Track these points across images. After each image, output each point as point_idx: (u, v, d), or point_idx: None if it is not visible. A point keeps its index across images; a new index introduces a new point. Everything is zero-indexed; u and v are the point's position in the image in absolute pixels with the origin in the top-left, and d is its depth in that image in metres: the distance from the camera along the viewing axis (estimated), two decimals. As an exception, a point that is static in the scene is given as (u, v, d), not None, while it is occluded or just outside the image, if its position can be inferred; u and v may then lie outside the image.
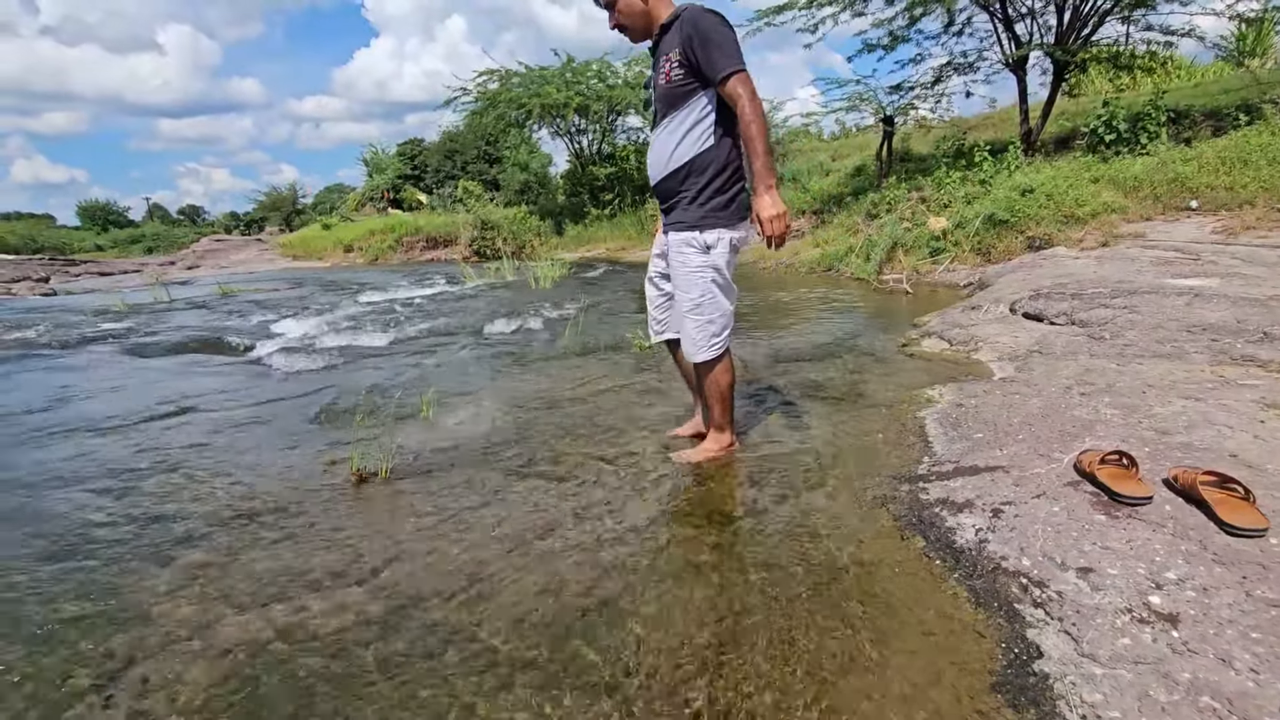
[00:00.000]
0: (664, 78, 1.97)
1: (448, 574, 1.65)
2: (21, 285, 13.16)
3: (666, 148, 2.02)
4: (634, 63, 15.49)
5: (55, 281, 14.75)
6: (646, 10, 2.02)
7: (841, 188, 11.42)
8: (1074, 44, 8.44)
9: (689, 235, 2.02)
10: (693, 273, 2.04)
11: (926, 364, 3.42)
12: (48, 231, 38.08)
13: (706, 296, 2.05)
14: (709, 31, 1.86)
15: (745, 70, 1.86)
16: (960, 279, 6.12)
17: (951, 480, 1.86)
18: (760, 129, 1.84)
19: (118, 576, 1.71)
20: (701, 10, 1.92)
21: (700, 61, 1.88)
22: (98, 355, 4.97)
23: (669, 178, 2.04)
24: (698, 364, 2.14)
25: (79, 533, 1.96)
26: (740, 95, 1.84)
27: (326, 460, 2.45)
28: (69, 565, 1.77)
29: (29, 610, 1.57)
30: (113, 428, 3.03)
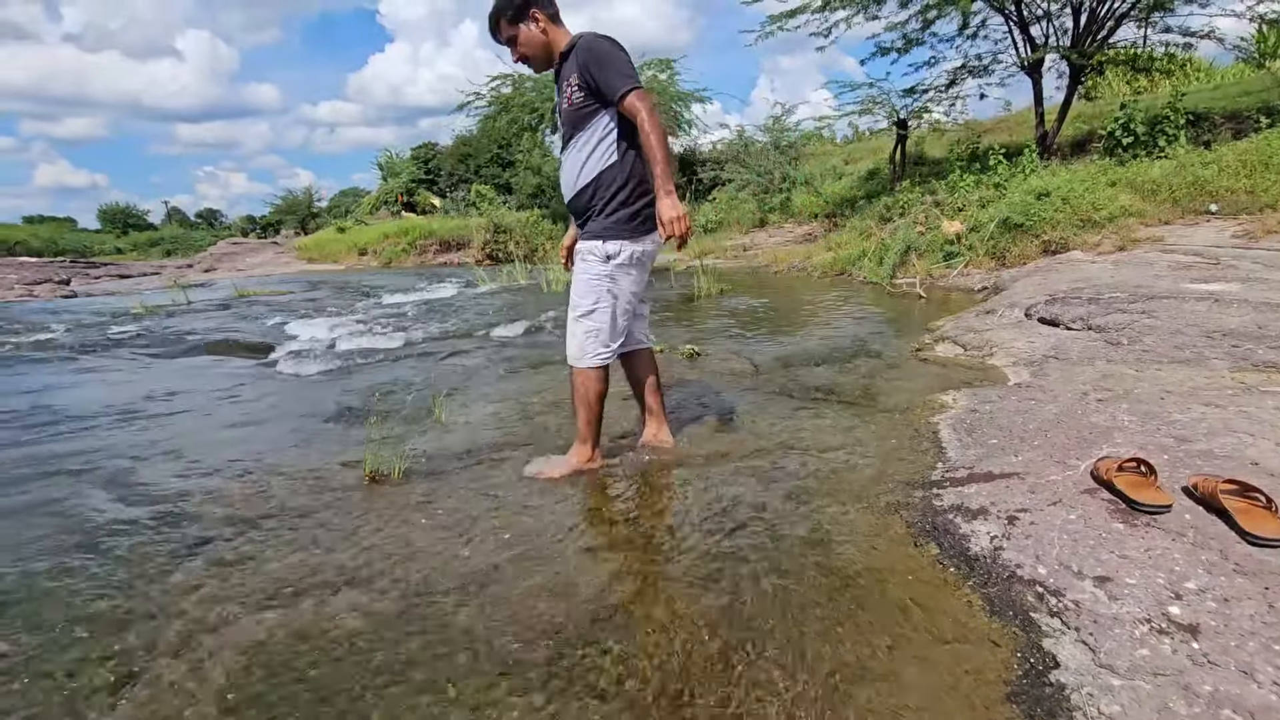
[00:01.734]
0: (566, 101, 2.06)
1: (459, 576, 1.65)
2: (43, 287, 13.40)
3: (575, 167, 2.10)
4: (645, 66, 15.54)
5: (76, 284, 15.00)
6: (547, 42, 2.09)
7: (854, 191, 11.38)
8: (1090, 47, 8.36)
9: (593, 244, 2.09)
10: (590, 280, 2.10)
11: (941, 369, 3.39)
12: (69, 234, 38.74)
13: (600, 305, 2.11)
14: (603, 55, 1.97)
15: (641, 87, 1.97)
16: (975, 283, 6.07)
17: (966, 487, 1.84)
18: (659, 139, 1.92)
19: (136, 574, 1.73)
20: (595, 36, 2.03)
21: (598, 83, 1.98)
22: (117, 356, 5.05)
23: (578, 195, 2.12)
24: (577, 369, 2.18)
25: (97, 531, 1.99)
26: (639, 109, 1.93)
27: (341, 461, 2.47)
28: (88, 562, 1.80)
29: (49, 606, 1.59)
30: (131, 428, 3.07)
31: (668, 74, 15.58)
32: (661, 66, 15.59)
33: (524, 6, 2.05)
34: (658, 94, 15.06)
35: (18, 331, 6.73)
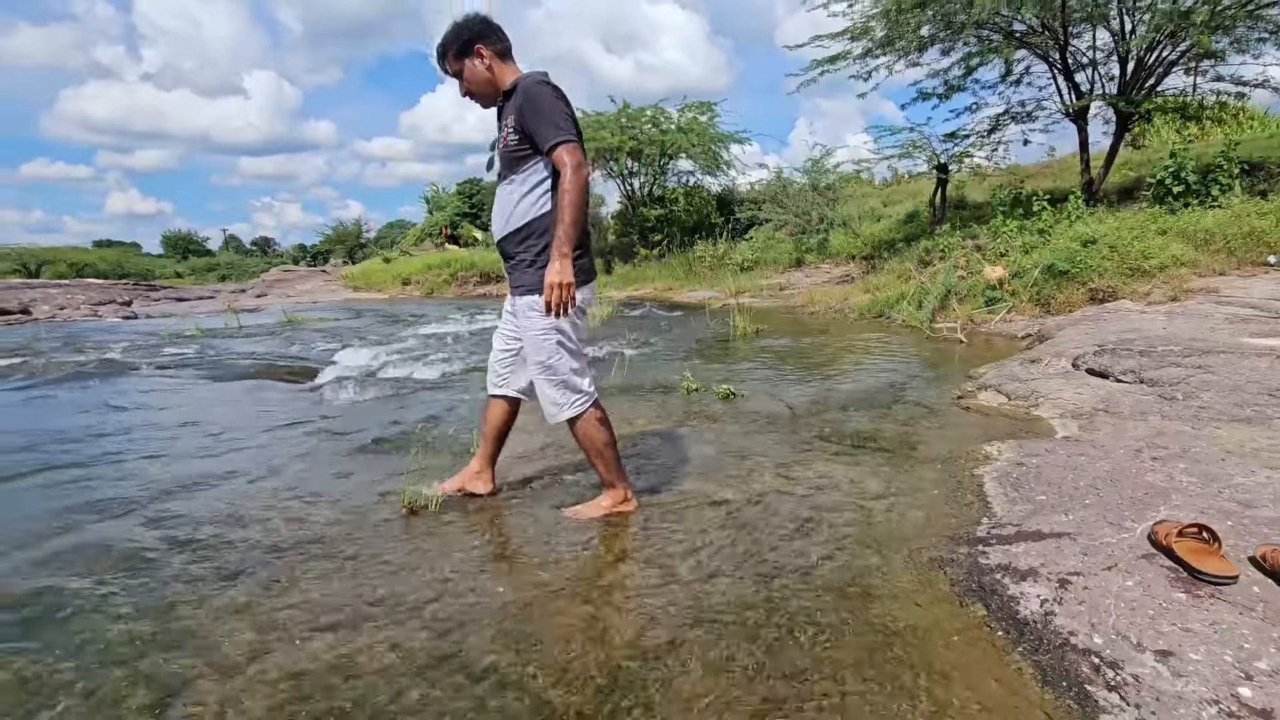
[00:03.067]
0: (503, 142, 2.08)
1: (494, 613, 1.65)
2: (107, 308, 14.09)
3: (506, 208, 2.10)
4: (687, 109, 15.87)
5: (137, 305, 15.73)
6: (491, 79, 2.10)
7: (893, 234, 11.32)
8: (1138, 95, 8.27)
9: (531, 299, 2.07)
10: (538, 335, 2.08)
11: (983, 418, 3.31)
12: (134, 258, 40.84)
13: (554, 358, 2.09)
14: (539, 103, 1.96)
15: (573, 141, 1.94)
16: (1018, 330, 5.94)
17: (1013, 545, 1.78)
18: (573, 199, 1.90)
19: (179, 597, 1.77)
20: (535, 82, 2.01)
21: (531, 131, 1.97)
22: (171, 378, 5.25)
23: (508, 238, 2.11)
24: (567, 424, 2.15)
25: (143, 552, 2.05)
26: (564, 164, 1.91)
27: (379, 491, 2.51)
28: (133, 584, 1.85)
29: (94, 627, 1.64)
30: (180, 449, 3.18)
31: (708, 116, 15.86)
32: (702, 109, 15.89)
33: (470, 41, 2.06)
34: (697, 135, 15.33)
35: (82, 350, 7.07)
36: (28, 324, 11.45)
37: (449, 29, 2.09)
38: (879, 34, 8.78)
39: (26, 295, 14.57)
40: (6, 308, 12.44)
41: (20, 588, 1.83)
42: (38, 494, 2.60)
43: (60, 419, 3.91)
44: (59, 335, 9.00)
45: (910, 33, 8.42)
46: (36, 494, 2.60)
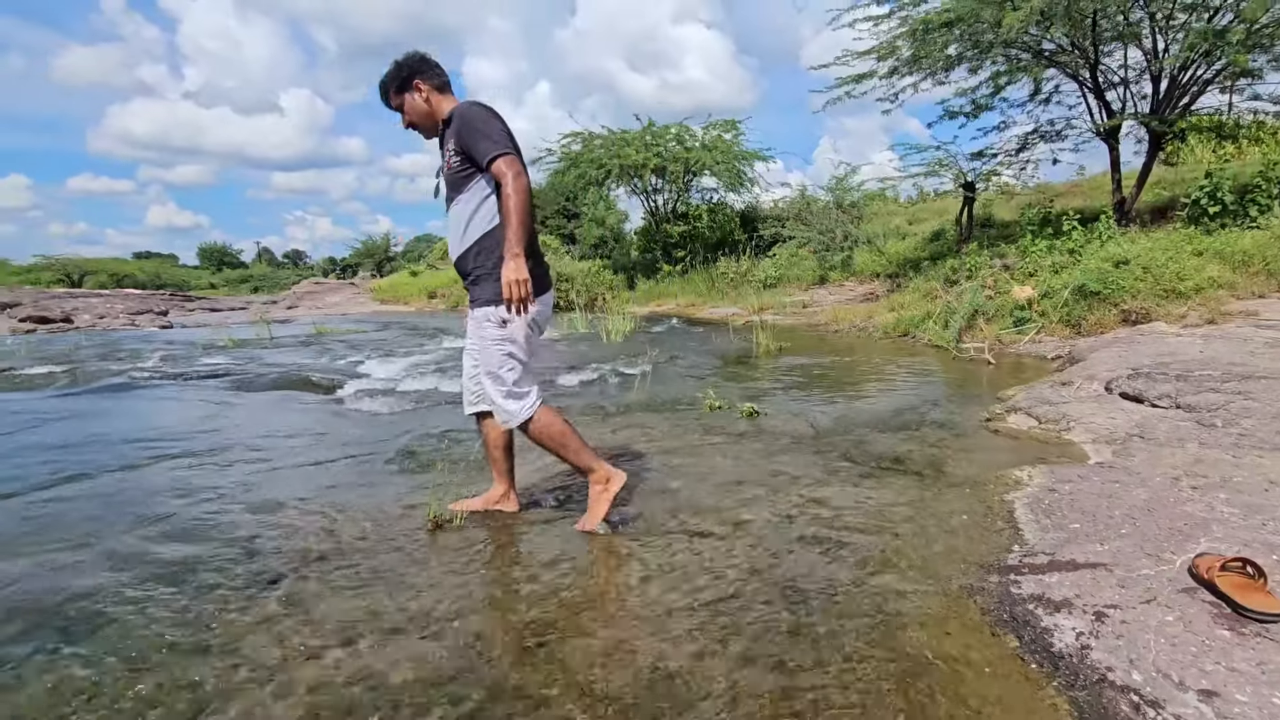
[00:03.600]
0: (447, 166, 2.17)
1: (517, 631, 1.65)
2: (144, 317, 14.51)
3: (458, 229, 2.17)
4: (711, 127, 15.97)
5: (173, 315, 16.17)
6: (430, 111, 2.20)
7: (918, 252, 11.23)
8: (1172, 113, 8.13)
9: (487, 310, 2.13)
10: (490, 345, 2.14)
11: (1013, 442, 3.24)
12: (171, 270, 42.06)
13: (504, 369, 2.15)
14: (474, 122, 2.07)
15: (509, 153, 2.03)
16: (1047, 351, 5.83)
17: (1046, 575, 1.74)
18: (517, 203, 1.98)
19: (210, 607, 1.80)
20: (469, 105, 2.13)
21: (470, 149, 2.06)
22: (204, 387, 5.38)
23: (463, 257, 2.19)
24: (521, 428, 2.21)
25: (177, 560, 2.09)
26: (504, 173, 2.01)
27: (405, 504, 2.54)
28: (167, 592, 1.89)
29: (131, 634, 1.67)
30: (213, 459, 3.25)
31: (733, 134, 15.95)
32: (726, 127, 15.99)
33: (409, 78, 2.18)
34: (721, 152, 15.41)
35: (120, 359, 7.28)
36: (70, 332, 11.83)
37: (390, 67, 2.22)
38: (905, 53, 8.78)
39: (69, 304, 15.07)
40: (50, 316, 12.87)
41: (59, 594, 1.88)
42: (75, 501, 2.67)
43: (98, 427, 4.02)
44: (98, 344, 9.28)
45: (937, 52, 8.41)
46: (74, 501, 2.67)
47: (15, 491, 2.78)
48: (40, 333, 11.47)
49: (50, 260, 31.34)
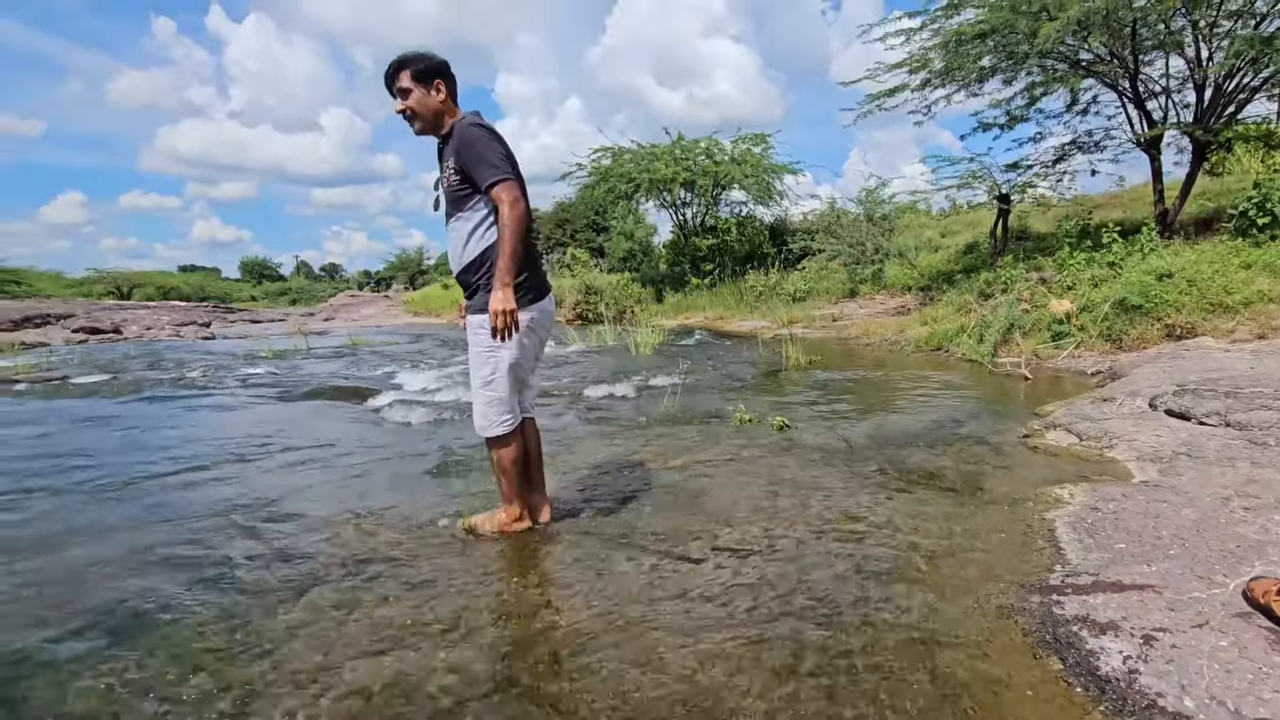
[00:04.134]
0: (445, 182, 2.19)
1: (551, 641, 1.66)
2: (188, 329, 15.00)
3: (458, 244, 2.21)
4: (741, 140, 16.00)
5: (215, 327, 16.70)
6: (439, 111, 2.18)
7: (951, 265, 11.05)
8: (1217, 122, 7.90)
9: (481, 318, 2.16)
10: (484, 352, 2.19)
11: (1052, 459, 3.17)
12: (214, 282, 43.48)
13: (496, 375, 2.19)
14: (476, 145, 2.08)
15: (509, 179, 2.06)
16: (1087, 366, 5.68)
17: (1091, 596, 1.69)
18: (512, 232, 2.01)
19: (253, 608, 1.85)
20: (469, 125, 2.13)
21: (470, 171, 2.09)
22: (246, 396, 5.54)
23: (464, 271, 2.23)
24: (488, 439, 2.26)
25: (224, 563, 2.15)
26: (502, 200, 2.04)
27: (441, 512, 2.58)
28: (212, 594, 1.95)
29: (178, 635, 1.73)
30: (255, 466, 3.34)
31: (761, 147, 15.95)
32: (756, 140, 16.00)
33: (432, 72, 2.14)
34: (751, 166, 15.41)
35: (165, 368, 7.54)
36: (119, 342, 12.29)
37: (413, 51, 2.18)
38: (938, 65, 8.70)
39: (119, 315, 15.67)
40: (101, 327, 13.40)
41: (110, 595, 1.95)
42: (124, 505, 2.77)
43: (145, 434, 4.16)
44: (146, 354, 9.62)
45: (970, 63, 8.32)
46: (123, 505, 2.78)
47: (68, 494, 2.90)
48: (92, 343, 11.94)
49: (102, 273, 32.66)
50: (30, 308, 14.78)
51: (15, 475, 3.21)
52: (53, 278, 28.28)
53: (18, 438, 4.05)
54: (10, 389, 6.01)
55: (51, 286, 26.06)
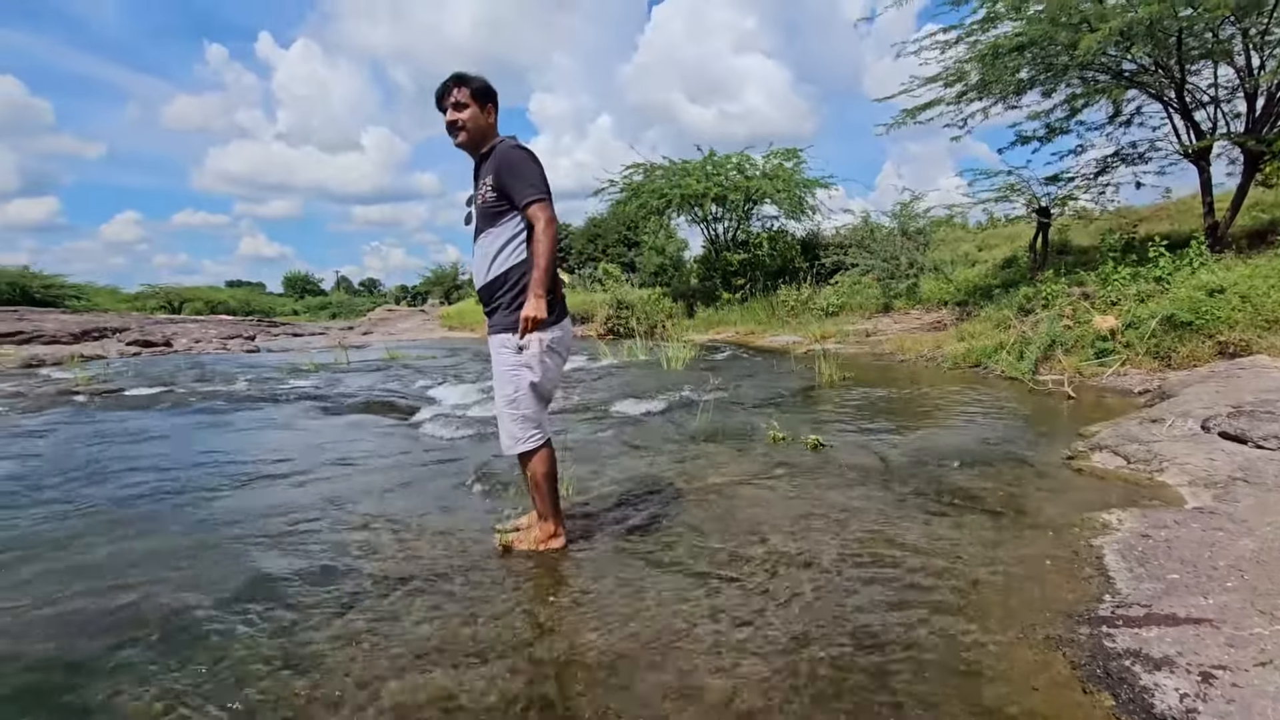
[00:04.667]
0: (481, 199, 2.26)
1: (586, 663, 1.67)
2: (234, 342, 15.52)
3: (486, 259, 2.27)
4: (773, 155, 15.99)
5: (259, 340, 17.24)
6: (486, 128, 2.29)
7: (989, 279, 10.84)
8: (1270, 132, 7.63)
9: (504, 337, 2.24)
10: (508, 371, 2.25)
11: (1098, 482, 3.07)
12: (259, 297, 44.92)
13: (520, 393, 2.25)
14: (518, 166, 2.19)
15: (545, 199, 2.17)
16: (1133, 385, 5.50)
17: (1143, 629, 1.64)
18: (546, 248, 2.13)
19: (298, 622, 1.90)
20: (511, 146, 2.24)
21: (508, 190, 2.18)
22: (289, 410, 5.71)
23: (488, 286, 2.29)
24: (520, 456, 2.31)
25: (268, 577, 2.22)
26: (538, 219, 2.15)
27: (477, 529, 2.62)
28: (257, 607, 2.00)
29: (225, 647, 1.78)
30: (298, 479, 3.44)
31: (793, 162, 15.91)
32: (788, 155, 15.96)
33: (488, 94, 2.29)
34: (783, 180, 15.37)
35: (213, 381, 7.81)
36: (170, 355, 12.78)
37: (476, 74, 2.30)
38: (974, 78, 8.60)
39: (170, 329, 16.30)
40: (153, 340, 13.96)
41: (161, 606, 2.03)
42: (174, 519, 2.88)
43: (194, 447, 4.32)
44: (194, 366, 9.98)
45: (1008, 76, 8.20)
46: (173, 519, 2.88)
47: (123, 506, 3.02)
48: (144, 355, 12.44)
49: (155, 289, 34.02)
50: (89, 321, 15.48)
51: (73, 485, 3.36)
52: (110, 293, 29.57)
53: (79, 449, 4.24)
54: (73, 399, 6.29)
55: (108, 301, 27.25)
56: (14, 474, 3.61)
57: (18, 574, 2.28)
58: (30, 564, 2.36)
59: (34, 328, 13.72)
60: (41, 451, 4.17)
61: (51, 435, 4.71)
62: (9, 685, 1.63)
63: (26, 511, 2.95)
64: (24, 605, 2.04)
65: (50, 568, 2.33)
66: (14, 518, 2.87)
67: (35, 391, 6.88)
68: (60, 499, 3.13)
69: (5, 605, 2.05)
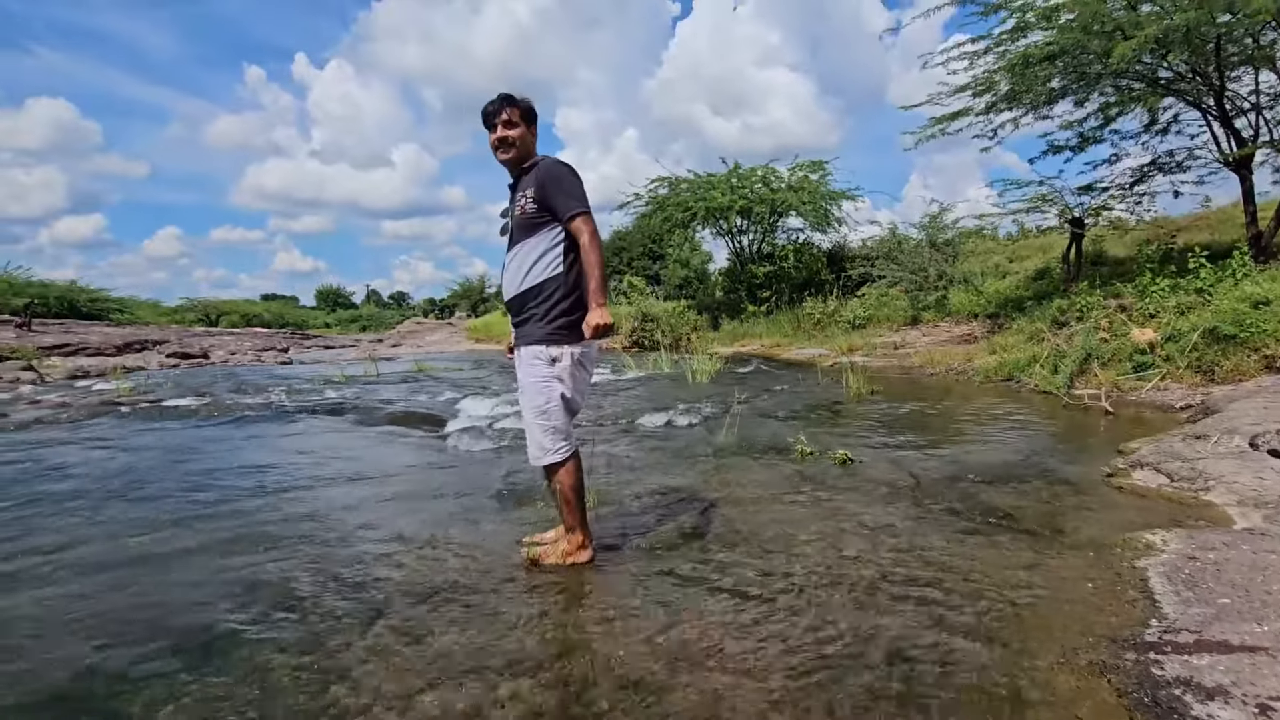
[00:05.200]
0: (519, 210, 2.29)
1: (614, 680, 1.66)
2: (268, 354, 15.90)
3: (521, 269, 2.30)
4: (798, 168, 15.95)
5: (293, 352, 17.64)
6: (530, 146, 2.36)
7: (1021, 291, 10.63)
8: (1317, 139, 7.40)
9: (537, 349, 2.27)
10: (538, 383, 2.27)
11: (1140, 500, 2.98)
12: (293, 310, 45.96)
13: (552, 404, 2.27)
14: (560, 179, 2.24)
15: (588, 212, 2.22)
16: (1174, 400, 5.33)
17: (1194, 656, 1.57)
18: (597, 259, 2.18)
19: (329, 634, 1.92)
20: (555, 161, 2.30)
21: (551, 202, 2.22)
22: (320, 422, 5.81)
23: (520, 296, 2.31)
24: (546, 468, 2.32)
25: (297, 589, 2.25)
26: (583, 231, 2.19)
27: (503, 542, 2.63)
28: (290, 619, 2.02)
29: (260, 658, 1.81)
30: (327, 491, 3.49)
31: (819, 174, 15.85)
32: (813, 168, 15.91)
33: (533, 115, 2.37)
34: (808, 193, 15.32)
35: (248, 393, 8.00)
36: (207, 366, 13.13)
37: (522, 96, 2.37)
38: (1004, 88, 8.49)
39: (207, 341, 16.77)
40: (191, 352, 14.36)
41: (195, 617, 2.06)
42: (208, 530, 2.94)
43: (229, 457, 4.42)
44: (230, 378, 10.24)
45: (1039, 85, 8.09)
46: (207, 530, 2.94)
47: (156, 516, 3.09)
48: (183, 367, 12.79)
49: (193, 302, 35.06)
50: (131, 334, 15.99)
51: (110, 494, 3.45)
52: (151, 306, 30.53)
53: (118, 458, 4.37)
54: (116, 410, 6.49)
55: (150, 314, 28.13)
56: (57, 482, 3.73)
57: (60, 579, 2.35)
58: (69, 569, 2.43)
59: (80, 340, 14.22)
60: (84, 461, 4.31)
61: (94, 445, 4.86)
62: (52, 690, 1.67)
63: (66, 519, 3.04)
64: (70, 610, 2.10)
65: (89, 574, 2.39)
66: (56, 525, 2.96)
67: (80, 402, 7.11)
68: (97, 507, 3.22)
69: (51, 610, 2.11)
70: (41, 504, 3.29)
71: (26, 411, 6.46)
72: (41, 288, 21.57)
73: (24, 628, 2.00)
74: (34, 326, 15.20)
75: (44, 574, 2.41)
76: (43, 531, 2.87)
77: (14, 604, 2.17)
